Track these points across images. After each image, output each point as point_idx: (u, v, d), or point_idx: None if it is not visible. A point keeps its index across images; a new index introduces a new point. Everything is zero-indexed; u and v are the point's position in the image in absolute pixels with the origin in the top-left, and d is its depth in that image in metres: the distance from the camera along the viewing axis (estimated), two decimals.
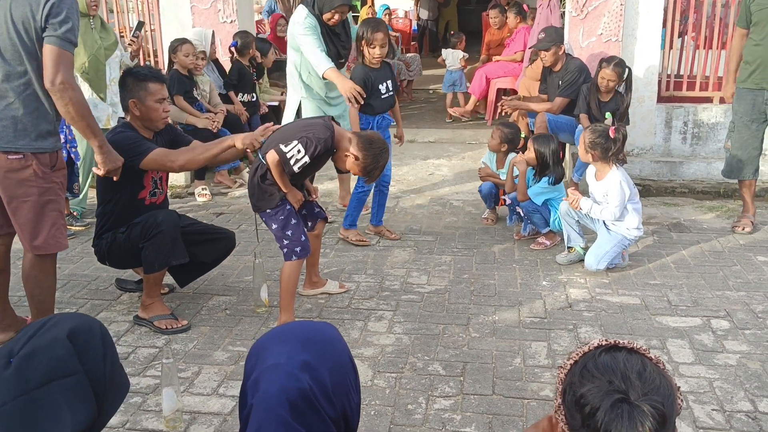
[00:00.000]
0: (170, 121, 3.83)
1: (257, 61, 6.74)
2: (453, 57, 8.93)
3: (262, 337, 1.44)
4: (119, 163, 3.27)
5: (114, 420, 2.78)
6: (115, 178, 3.31)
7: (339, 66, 4.77)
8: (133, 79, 3.53)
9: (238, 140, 3.46)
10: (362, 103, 4.42)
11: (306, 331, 1.41)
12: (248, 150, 3.47)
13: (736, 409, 2.81)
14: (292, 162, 3.30)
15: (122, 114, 5.32)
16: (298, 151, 3.29)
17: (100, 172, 3.25)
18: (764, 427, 2.68)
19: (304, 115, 4.86)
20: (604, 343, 1.25)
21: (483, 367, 3.15)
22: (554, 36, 5.59)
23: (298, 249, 3.47)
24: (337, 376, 1.33)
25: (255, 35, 6.90)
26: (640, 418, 1.11)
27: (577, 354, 1.25)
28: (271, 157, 3.33)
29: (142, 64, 6.71)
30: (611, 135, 4.07)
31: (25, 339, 1.39)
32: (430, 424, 2.73)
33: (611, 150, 4.09)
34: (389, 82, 4.58)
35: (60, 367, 1.36)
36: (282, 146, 3.31)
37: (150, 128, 3.60)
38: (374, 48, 4.40)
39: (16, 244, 3.32)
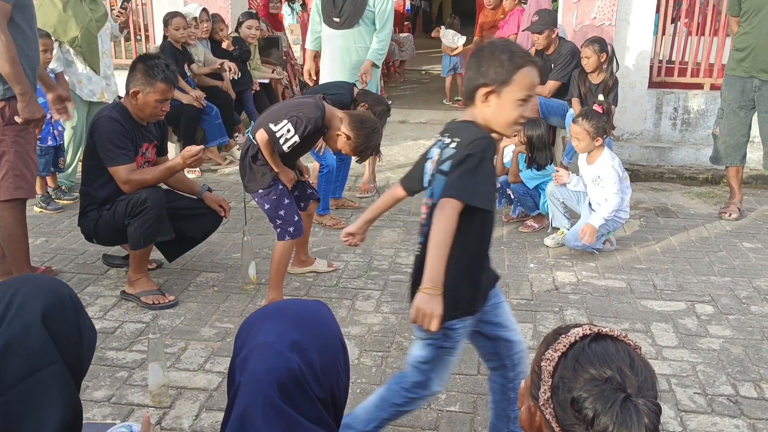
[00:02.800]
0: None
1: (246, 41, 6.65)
2: (453, 38, 8.87)
3: (253, 313, 1.44)
4: (38, 115, 3.32)
5: (99, 394, 2.78)
6: (36, 131, 3.37)
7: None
8: (145, 69, 3.46)
9: (180, 158, 3.49)
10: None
11: (298, 310, 1.41)
12: (191, 166, 3.58)
13: (718, 393, 2.84)
14: (281, 141, 3.28)
15: (114, 87, 5.30)
16: (288, 131, 3.27)
17: (19, 120, 3.30)
18: (745, 411, 2.72)
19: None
20: (587, 332, 1.22)
21: (468, 347, 3.13)
22: (547, 19, 5.57)
23: (291, 229, 3.46)
24: (326, 357, 1.32)
25: (249, 11, 6.82)
26: (644, 414, 1.11)
27: (564, 345, 1.22)
28: (261, 136, 3.31)
29: (132, 36, 6.65)
30: (601, 111, 4.11)
31: None
32: None
33: (609, 123, 4.16)
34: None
35: (37, 359, 1.29)
36: (272, 125, 3.29)
37: (141, 119, 3.57)
38: None
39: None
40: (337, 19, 5.02)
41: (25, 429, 1.25)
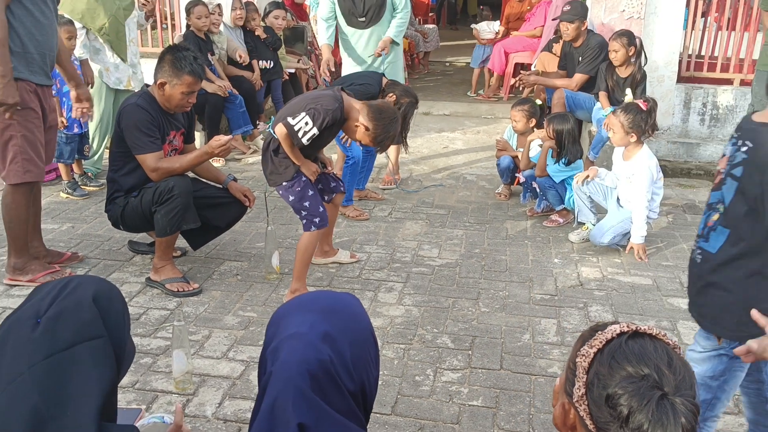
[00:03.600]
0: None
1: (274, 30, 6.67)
2: (489, 27, 8.83)
3: (285, 303, 1.44)
4: (10, 100, 3.30)
5: (125, 380, 2.80)
6: (7, 115, 3.35)
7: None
8: (173, 61, 3.47)
9: (208, 147, 3.55)
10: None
11: (330, 301, 1.40)
12: (220, 155, 3.61)
13: None
14: (300, 134, 3.28)
15: (140, 75, 5.33)
16: (306, 123, 3.27)
17: None
18: None
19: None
20: (625, 329, 1.20)
21: (492, 342, 3.16)
22: (579, 10, 5.52)
23: (316, 220, 3.47)
24: (357, 350, 1.32)
25: (276, 1, 6.82)
26: (680, 414, 1.09)
27: (600, 342, 1.20)
28: (279, 129, 3.32)
29: (158, 24, 6.68)
30: (644, 107, 4.02)
31: (50, 300, 1.41)
32: (437, 396, 2.75)
33: (649, 122, 4.05)
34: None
35: (86, 329, 1.39)
36: (289, 119, 3.29)
37: (167, 108, 3.59)
38: None
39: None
40: (362, 19, 5.03)
41: (72, 387, 1.33)
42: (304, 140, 3.30)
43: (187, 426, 1.67)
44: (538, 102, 4.98)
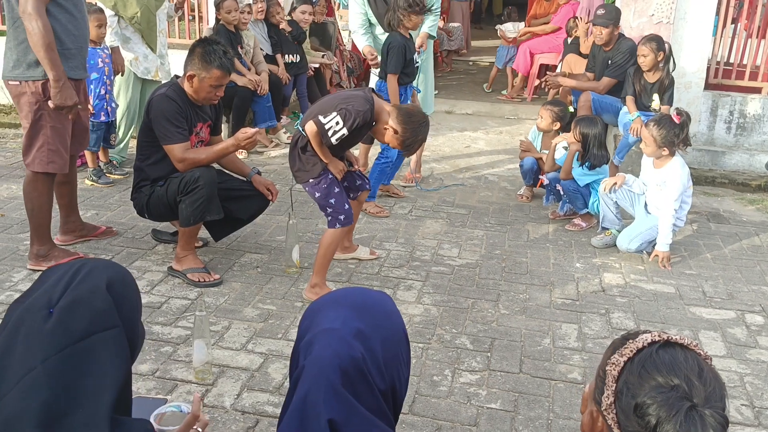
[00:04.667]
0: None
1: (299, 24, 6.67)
2: (513, 28, 8.87)
3: (318, 299, 1.44)
4: (69, 102, 3.40)
5: (144, 368, 2.83)
6: (70, 117, 3.47)
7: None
8: (203, 54, 3.48)
9: (234, 140, 3.57)
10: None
11: (363, 298, 1.40)
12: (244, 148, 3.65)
13: (766, 406, 2.77)
14: (330, 133, 3.28)
15: (168, 66, 5.36)
16: (337, 123, 3.26)
17: (51, 105, 3.40)
18: None
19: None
20: (656, 338, 1.19)
21: (511, 345, 3.14)
22: (614, 14, 5.49)
23: (341, 217, 3.47)
24: (389, 349, 1.32)
25: None
26: (709, 426, 1.08)
27: (631, 350, 1.19)
28: (310, 127, 3.32)
29: (186, 15, 6.71)
30: (677, 121, 3.97)
31: (63, 287, 1.36)
32: (455, 397, 2.74)
33: (681, 136, 4.00)
34: (416, 53, 4.78)
35: (101, 320, 1.34)
36: (321, 117, 3.29)
37: (195, 100, 3.61)
38: (416, 18, 4.52)
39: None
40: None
41: (87, 381, 1.29)
42: (333, 140, 3.29)
43: (205, 416, 1.67)
44: (570, 109, 4.95)
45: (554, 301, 3.58)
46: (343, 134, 3.28)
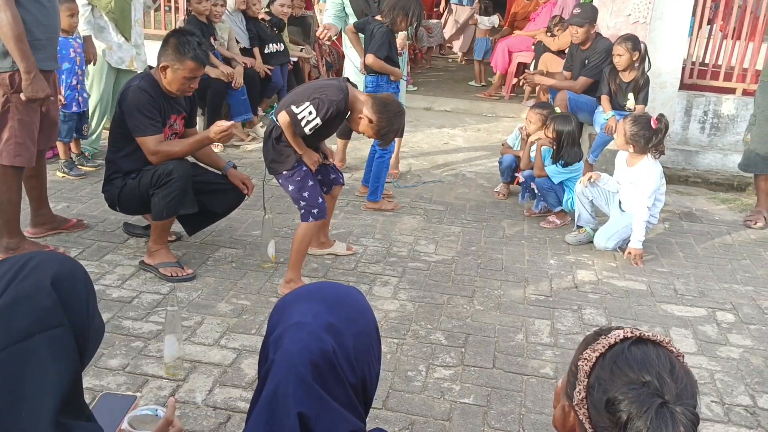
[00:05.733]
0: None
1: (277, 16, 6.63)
2: (488, 22, 8.92)
3: (289, 293, 1.42)
4: (41, 94, 3.35)
5: (115, 363, 2.79)
6: (42, 109, 3.42)
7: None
8: (177, 45, 3.43)
9: (210, 132, 3.50)
10: None
11: (335, 293, 1.39)
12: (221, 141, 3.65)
13: (736, 403, 2.81)
14: (303, 123, 3.26)
15: (144, 56, 5.30)
16: (310, 113, 3.24)
17: (23, 97, 3.34)
18: (762, 423, 2.68)
19: None
20: (629, 335, 1.19)
21: (485, 340, 3.15)
22: (590, 13, 5.51)
23: (315, 211, 3.45)
24: (360, 343, 1.31)
25: None
26: (680, 423, 1.08)
27: (603, 346, 1.19)
28: (283, 118, 3.29)
29: (162, 6, 6.64)
30: (653, 125, 4.00)
31: (5, 284, 1.28)
32: (429, 392, 2.74)
33: (652, 141, 4.02)
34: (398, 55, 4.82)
35: (44, 318, 1.26)
36: (293, 107, 3.27)
37: (169, 92, 3.56)
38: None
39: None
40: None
41: (28, 384, 1.22)
42: (306, 130, 3.27)
43: (179, 422, 1.63)
44: (558, 110, 4.97)
45: (528, 297, 3.59)
46: (317, 124, 3.26)
